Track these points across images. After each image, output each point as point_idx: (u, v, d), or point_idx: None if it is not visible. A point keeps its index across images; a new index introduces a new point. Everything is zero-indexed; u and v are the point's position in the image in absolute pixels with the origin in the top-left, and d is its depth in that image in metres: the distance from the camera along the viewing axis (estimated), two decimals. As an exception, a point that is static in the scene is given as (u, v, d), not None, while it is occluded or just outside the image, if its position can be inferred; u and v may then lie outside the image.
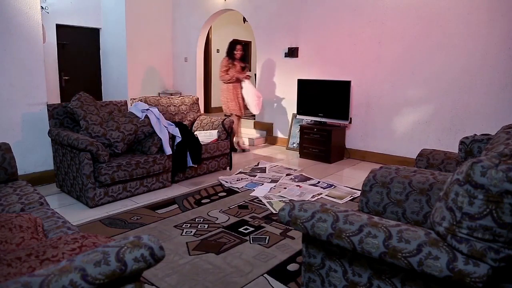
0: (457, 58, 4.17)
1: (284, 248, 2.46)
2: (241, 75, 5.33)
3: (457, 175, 1.11)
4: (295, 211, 1.44)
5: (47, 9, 5.91)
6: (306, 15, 5.44)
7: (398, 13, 4.55)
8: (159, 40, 7.15)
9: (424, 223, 1.79)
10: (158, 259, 1.04)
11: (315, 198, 3.48)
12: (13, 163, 2.33)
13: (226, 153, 4.43)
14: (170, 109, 4.48)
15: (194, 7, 6.92)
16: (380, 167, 2.10)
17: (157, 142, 3.56)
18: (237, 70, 5.30)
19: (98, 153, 3.08)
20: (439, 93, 4.34)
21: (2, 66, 3.45)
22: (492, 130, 3.52)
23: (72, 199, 3.35)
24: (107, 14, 6.73)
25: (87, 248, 1.27)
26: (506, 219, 1.01)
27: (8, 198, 2.01)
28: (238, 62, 5.32)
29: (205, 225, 2.82)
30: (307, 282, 1.57)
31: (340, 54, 5.14)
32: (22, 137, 3.64)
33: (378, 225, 1.24)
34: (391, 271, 1.29)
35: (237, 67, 5.31)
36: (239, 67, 5.34)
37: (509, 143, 1.39)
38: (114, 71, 6.85)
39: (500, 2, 3.84)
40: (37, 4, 3.62)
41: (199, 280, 2.05)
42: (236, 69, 5.29)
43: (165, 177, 3.69)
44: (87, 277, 0.92)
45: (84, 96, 3.49)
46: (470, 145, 2.18)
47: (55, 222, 1.74)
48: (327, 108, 5.07)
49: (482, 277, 1.03)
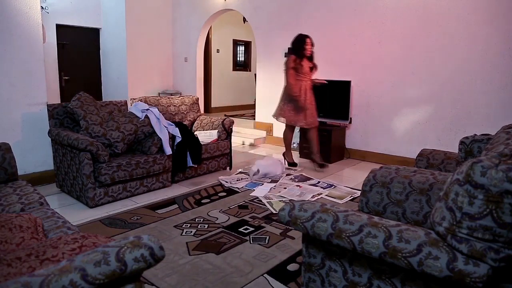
0: (457, 58, 4.17)
1: (284, 248, 2.46)
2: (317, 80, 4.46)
3: (457, 175, 1.11)
4: (295, 211, 1.43)
5: (47, 9, 5.91)
6: (306, 15, 5.43)
7: (398, 13, 4.55)
8: (159, 40, 7.15)
9: (424, 223, 1.79)
10: (158, 259, 1.04)
11: (315, 198, 3.48)
12: (13, 163, 2.33)
13: (226, 153, 4.43)
14: (170, 109, 4.48)
15: (194, 7, 6.92)
16: (380, 167, 2.10)
17: (157, 142, 3.56)
18: (305, 71, 4.30)
19: (98, 153, 3.08)
20: (439, 93, 4.34)
21: (2, 66, 3.45)
22: (492, 130, 3.51)
23: (72, 199, 3.35)
24: (107, 14, 6.73)
25: (87, 248, 1.27)
26: (506, 219, 1.01)
27: (8, 198, 2.01)
28: (306, 61, 4.30)
29: (205, 225, 2.82)
30: (307, 282, 1.57)
31: (340, 54, 5.13)
32: (22, 137, 3.64)
33: (378, 225, 1.24)
34: (391, 271, 1.29)
35: (304, 68, 4.28)
36: (307, 68, 4.32)
37: (509, 143, 1.39)
38: (114, 71, 6.85)
39: (500, 2, 3.84)
40: (37, 4, 3.62)
41: (199, 280, 2.05)
42: (304, 70, 4.29)
43: (165, 177, 3.69)
44: (87, 277, 0.92)
45: (84, 96, 3.49)
46: (470, 145, 2.18)
47: (55, 222, 1.74)
48: (327, 108, 5.07)
49: (482, 277, 1.03)
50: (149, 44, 6.95)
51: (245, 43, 10.28)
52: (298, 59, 4.23)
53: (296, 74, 4.26)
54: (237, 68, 10.12)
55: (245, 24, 9.18)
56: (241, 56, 10.39)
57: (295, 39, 4.31)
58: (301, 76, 4.28)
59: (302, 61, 4.25)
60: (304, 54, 4.24)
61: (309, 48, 4.24)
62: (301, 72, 4.27)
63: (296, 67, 4.24)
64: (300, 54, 4.23)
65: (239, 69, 10.20)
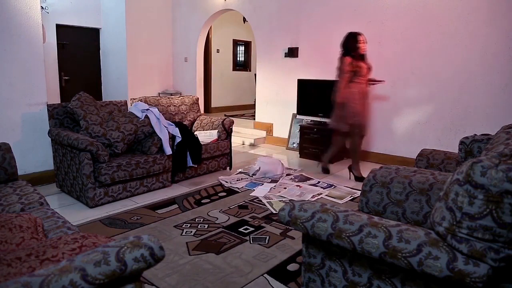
0: (457, 58, 4.17)
1: (284, 248, 2.46)
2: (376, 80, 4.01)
3: (457, 175, 1.11)
4: (295, 211, 1.43)
5: (47, 9, 5.91)
6: (306, 15, 5.43)
7: (398, 13, 4.55)
8: (159, 40, 7.15)
9: (424, 223, 1.79)
10: (158, 259, 1.04)
11: (315, 198, 3.48)
12: (13, 163, 2.33)
13: (226, 153, 4.43)
14: (170, 109, 4.48)
15: (194, 7, 6.92)
16: (380, 167, 2.10)
17: (157, 142, 3.56)
18: (363, 73, 3.85)
19: (98, 153, 3.08)
20: (439, 93, 4.34)
21: (2, 66, 3.45)
22: (492, 130, 3.52)
23: (72, 199, 3.35)
24: (107, 14, 6.73)
25: (87, 248, 1.27)
26: (506, 219, 1.01)
27: (8, 198, 2.01)
28: (361, 61, 3.87)
29: (205, 225, 2.82)
30: (307, 282, 1.57)
31: (340, 54, 5.13)
32: (22, 137, 3.64)
33: (378, 225, 1.24)
34: (391, 271, 1.29)
35: (363, 69, 3.84)
36: (365, 69, 3.88)
37: (509, 143, 1.38)
38: (114, 71, 6.85)
39: (500, 2, 3.84)
40: (37, 4, 3.62)
41: (199, 280, 2.05)
42: (362, 72, 3.84)
43: (165, 177, 3.69)
44: (87, 277, 0.92)
45: (84, 96, 3.49)
46: (470, 145, 2.18)
47: (55, 222, 1.74)
48: (327, 108, 5.06)
49: (482, 277, 1.03)
50: (149, 44, 6.95)
51: (245, 43, 10.28)
52: (354, 60, 3.79)
53: (354, 77, 3.81)
54: (237, 68, 10.12)
55: (245, 24, 9.18)
56: (241, 56, 10.39)
57: (346, 38, 3.87)
58: (359, 79, 3.83)
59: (359, 62, 3.81)
60: (359, 53, 3.81)
61: (364, 46, 3.81)
62: (359, 75, 3.82)
63: (354, 70, 3.79)
64: (355, 54, 3.80)
65: (239, 69, 10.20)
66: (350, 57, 3.79)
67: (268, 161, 4.25)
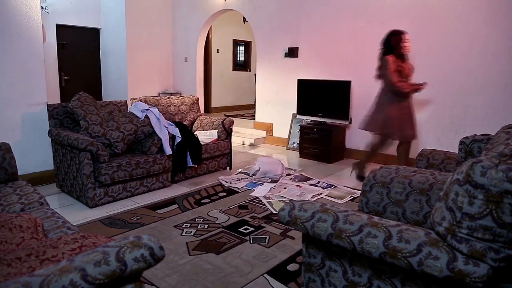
0: (457, 58, 4.17)
1: (284, 248, 2.46)
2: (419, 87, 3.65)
3: (457, 175, 1.11)
4: (295, 211, 1.43)
5: (47, 9, 5.91)
6: (306, 15, 5.43)
7: (398, 13, 4.55)
8: (159, 40, 7.15)
9: (424, 223, 1.79)
10: (158, 259, 1.04)
11: (315, 198, 3.48)
12: (13, 163, 2.33)
13: (226, 153, 4.43)
14: (170, 109, 4.48)
15: (194, 7, 6.92)
16: (380, 167, 2.10)
17: (157, 142, 3.56)
18: (406, 74, 3.63)
19: (98, 153, 3.08)
20: (439, 93, 4.33)
21: (2, 66, 3.45)
22: (492, 130, 3.51)
23: (72, 199, 3.35)
24: (107, 14, 6.73)
25: (87, 248, 1.27)
26: (506, 219, 1.01)
27: (8, 198, 2.01)
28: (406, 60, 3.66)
29: (205, 225, 2.82)
30: (307, 282, 1.57)
31: (340, 54, 5.13)
32: (22, 137, 3.64)
33: (378, 225, 1.24)
34: (391, 271, 1.29)
35: (406, 70, 3.62)
36: (409, 70, 3.67)
37: (509, 143, 1.38)
38: (114, 71, 6.85)
39: (500, 2, 3.84)
40: (37, 4, 3.62)
41: (199, 280, 2.05)
42: (406, 72, 3.62)
43: (165, 177, 3.69)
44: (87, 277, 0.92)
45: (84, 96, 3.49)
46: (470, 145, 2.18)
47: (55, 222, 1.74)
48: (327, 108, 5.07)
49: (482, 277, 1.03)
50: (149, 44, 6.95)
51: (245, 43, 10.28)
52: (398, 59, 3.58)
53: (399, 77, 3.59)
54: (237, 68, 10.12)
55: (245, 24, 9.18)
56: (241, 56, 10.38)
57: (389, 36, 3.64)
58: (402, 80, 3.60)
59: (402, 62, 3.61)
60: (401, 53, 3.59)
61: (408, 45, 3.60)
62: (403, 76, 3.59)
63: (399, 70, 3.55)
64: (399, 53, 3.59)
65: (239, 69, 10.20)
66: (394, 56, 3.59)
67: (268, 161, 4.25)
